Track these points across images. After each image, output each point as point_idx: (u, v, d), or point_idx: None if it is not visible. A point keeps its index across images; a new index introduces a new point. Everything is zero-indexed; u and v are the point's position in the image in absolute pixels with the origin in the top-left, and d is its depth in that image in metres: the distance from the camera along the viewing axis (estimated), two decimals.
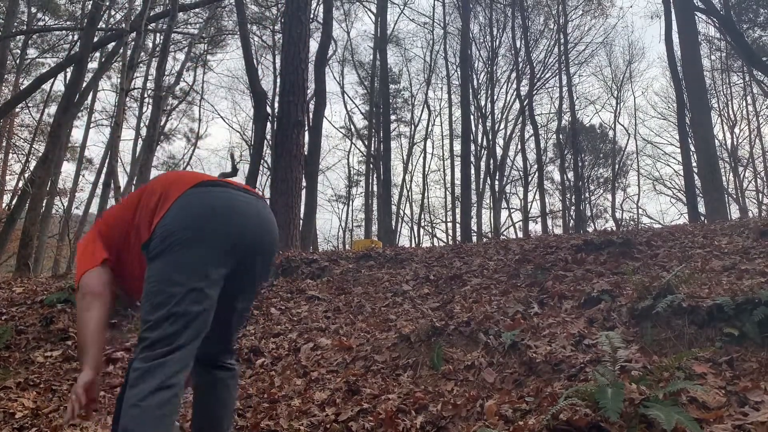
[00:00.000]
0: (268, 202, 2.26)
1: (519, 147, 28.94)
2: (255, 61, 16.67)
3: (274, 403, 3.49)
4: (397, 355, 4.01)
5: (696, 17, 15.57)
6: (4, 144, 23.97)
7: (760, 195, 29.54)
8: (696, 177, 15.00)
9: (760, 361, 2.92)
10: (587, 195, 31.03)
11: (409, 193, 34.22)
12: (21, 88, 20.14)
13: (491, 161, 28.02)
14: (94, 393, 2.01)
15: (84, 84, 16.69)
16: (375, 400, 3.35)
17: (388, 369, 3.87)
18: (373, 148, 28.86)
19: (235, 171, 16.78)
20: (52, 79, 21.82)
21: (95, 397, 2.03)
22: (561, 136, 28.56)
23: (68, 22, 24.07)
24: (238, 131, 44.49)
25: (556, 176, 32.38)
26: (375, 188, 28.55)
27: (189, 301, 1.95)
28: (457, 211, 27.17)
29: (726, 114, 29.04)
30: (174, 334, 1.92)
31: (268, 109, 15.91)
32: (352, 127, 32.34)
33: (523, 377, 3.34)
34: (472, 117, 24.76)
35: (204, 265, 2.00)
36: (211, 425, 2.28)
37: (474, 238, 21.78)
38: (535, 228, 29.72)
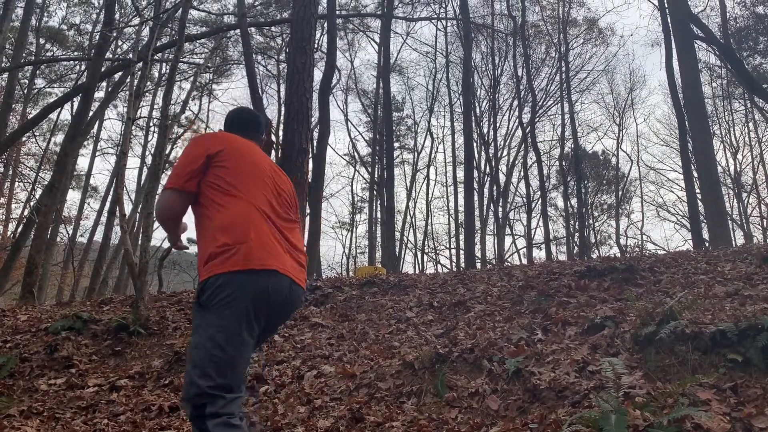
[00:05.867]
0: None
1: (522, 174, 28.95)
2: (260, 90, 16.84)
3: (278, 431, 3.48)
4: (400, 382, 4.00)
5: (696, 45, 15.72)
6: (10, 172, 24.16)
7: (764, 221, 29.45)
8: (699, 203, 14.99)
9: (764, 388, 2.91)
10: (591, 221, 30.96)
11: (413, 220, 34.18)
12: (28, 118, 20.36)
13: (494, 188, 28.07)
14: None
15: (91, 113, 16.91)
16: (379, 428, 3.34)
17: (392, 396, 3.86)
18: (376, 175, 28.98)
19: None
20: (59, 109, 22.08)
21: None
22: (564, 163, 28.64)
23: (76, 53, 24.46)
24: None
25: (560, 203, 32.35)
26: (378, 215, 28.62)
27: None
28: (461, 237, 27.12)
29: (728, 140, 29.12)
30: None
31: (273, 137, 16.01)
32: (355, 154, 32.52)
33: (527, 404, 3.33)
34: (474, 144, 24.82)
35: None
36: None
37: (478, 265, 21.72)
38: (539, 254, 29.67)
